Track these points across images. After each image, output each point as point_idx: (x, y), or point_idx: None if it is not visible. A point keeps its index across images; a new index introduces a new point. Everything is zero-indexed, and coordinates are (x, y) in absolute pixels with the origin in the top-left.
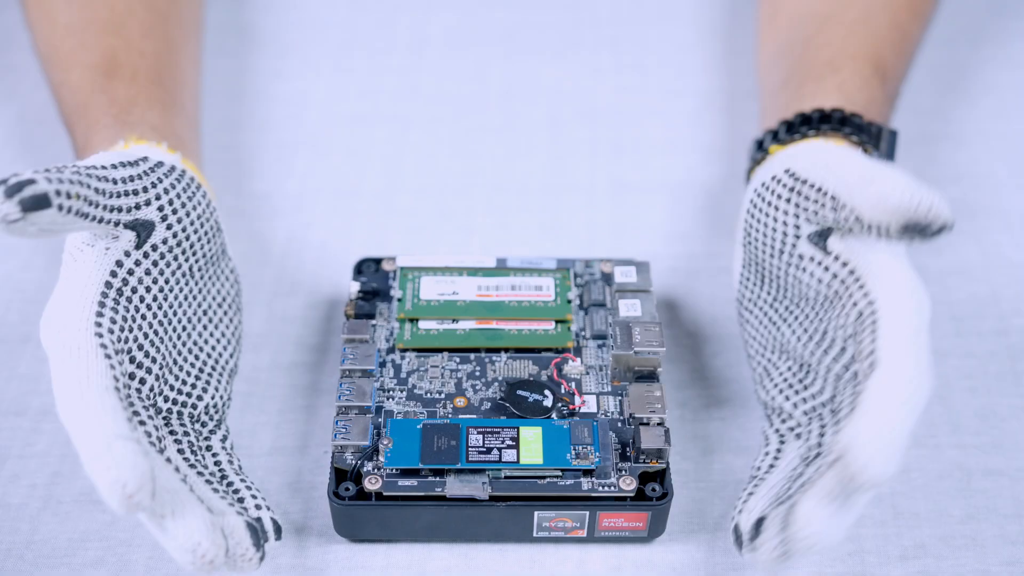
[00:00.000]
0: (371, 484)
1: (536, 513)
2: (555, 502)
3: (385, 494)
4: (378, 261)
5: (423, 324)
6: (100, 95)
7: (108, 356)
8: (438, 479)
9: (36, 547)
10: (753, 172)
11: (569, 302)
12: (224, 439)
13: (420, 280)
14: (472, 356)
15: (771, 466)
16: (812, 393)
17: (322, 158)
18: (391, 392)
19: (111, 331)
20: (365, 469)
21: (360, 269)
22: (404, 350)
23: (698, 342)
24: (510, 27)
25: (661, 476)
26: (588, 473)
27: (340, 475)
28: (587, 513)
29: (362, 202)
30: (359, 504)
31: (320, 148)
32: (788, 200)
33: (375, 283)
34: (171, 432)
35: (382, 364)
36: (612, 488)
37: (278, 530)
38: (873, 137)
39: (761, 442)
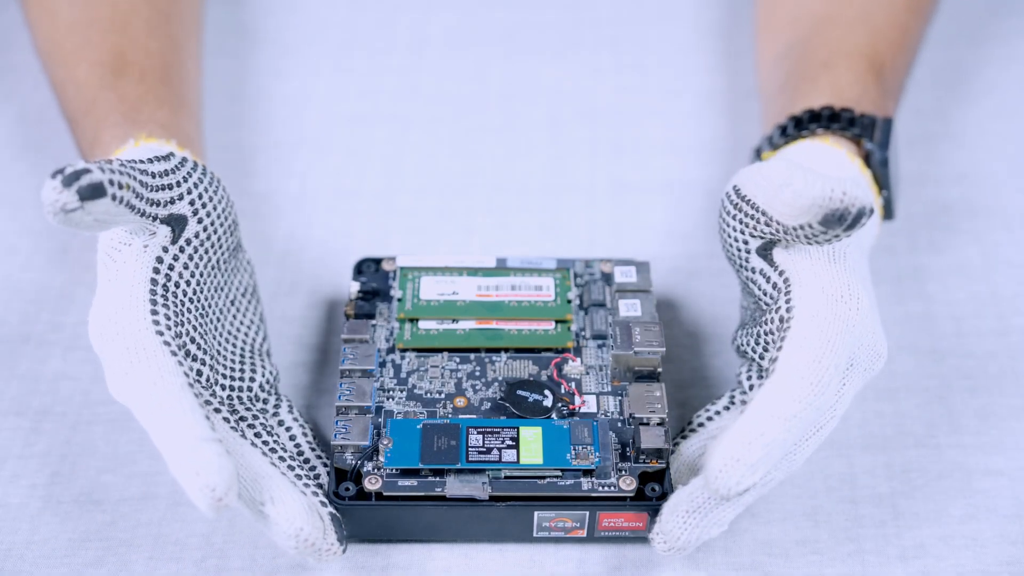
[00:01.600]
0: (371, 484)
1: (536, 513)
2: (555, 502)
3: (385, 494)
4: (378, 261)
5: (423, 324)
6: (108, 92)
7: (174, 353)
8: (438, 479)
9: (36, 547)
10: None
11: (569, 302)
12: (291, 408)
13: (420, 280)
14: (472, 356)
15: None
16: None
17: (322, 158)
18: (391, 392)
19: (168, 328)
20: (365, 469)
21: (360, 269)
22: (404, 350)
23: (698, 342)
24: (510, 27)
25: (661, 476)
26: (588, 473)
27: (340, 475)
28: (587, 513)
29: (362, 202)
30: (359, 504)
31: (320, 148)
32: (735, 217)
33: (375, 283)
34: (241, 418)
35: (382, 364)
36: (612, 488)
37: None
38: (866, 128)
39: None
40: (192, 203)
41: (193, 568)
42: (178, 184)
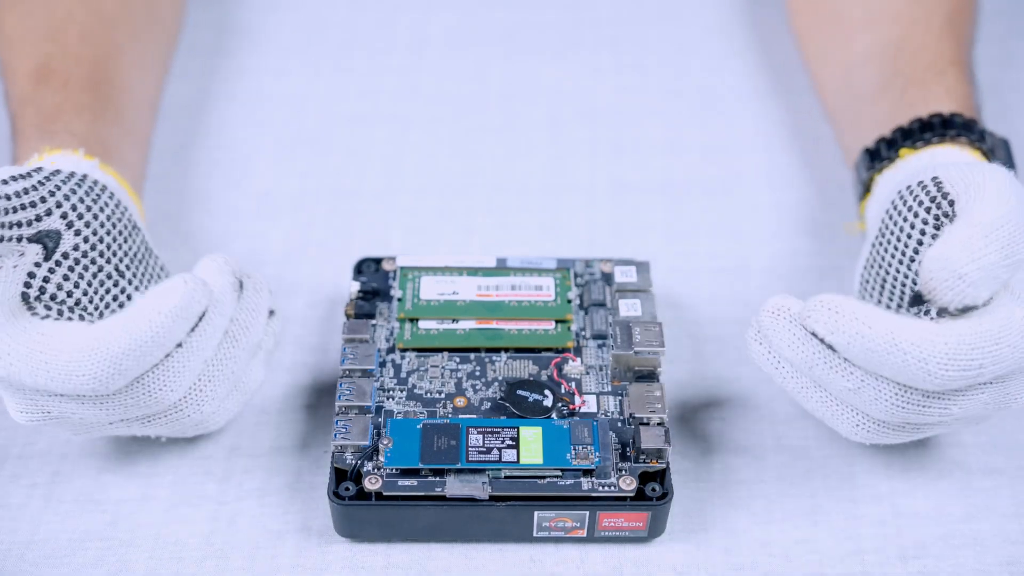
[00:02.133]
0: (371, 484)
1: (536, 513)
2: (555, 502)
3: (385, 494)
4: (378, 261)
5: (423, 324)
6: (29, 105)
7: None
8: (438, 479)
9: (36, 547)
10: (876, 177)
11: (569, 302)
12: None
13: (420, 280)
14: (472, 356)
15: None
16: None
17: (322, 158)
18: (391, 392)
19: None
20: (365, 469)
21: (360, 269)
22: (404, 350)
23: (698, 342)
24: (510, 27)
25: (661, 476)
26: (588, 473)
27: (340, 475)
28: (587, 513)
29: (362, 202)
30: (359, 504)
31: (320, 148)
32: (928, 210)
33: (375, 283)
34: None
35: (382, 364)
36: (612, 488)
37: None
38: (989, 145)
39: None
40: (65, 216)
41: (193, 568)
42: (43, 200)
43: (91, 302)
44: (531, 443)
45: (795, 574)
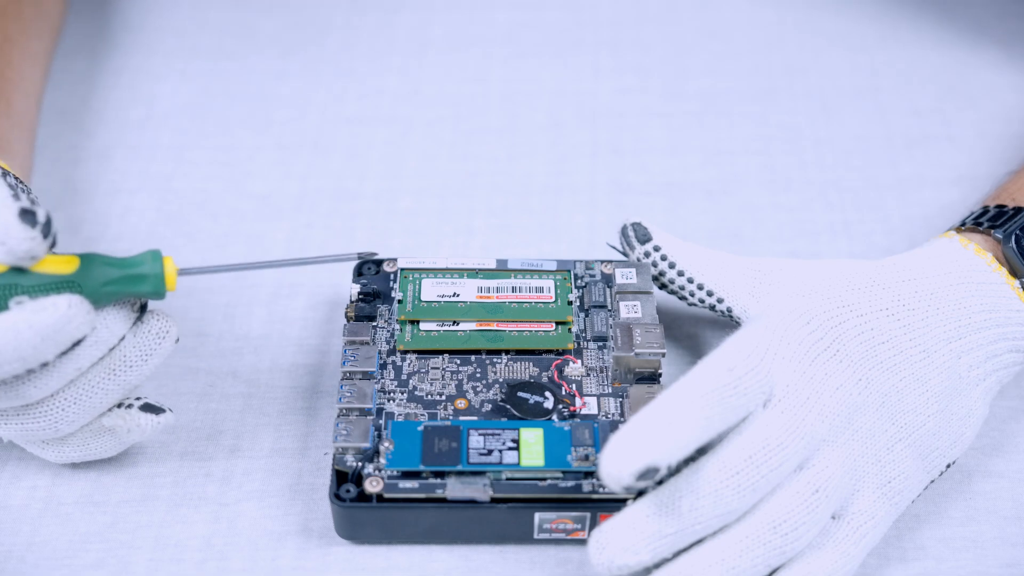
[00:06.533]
0: (372, 486)
1: (537, 515)
2: (556, 504)
3: (386, 496)
4: (379, 263)
5: (424, 326)
6: None
7: None
8: (439, 481)
9: (37, 549)
10: (948, 233)
11: (570, 303)
12: None
13: (421, 282)
14: (473, 358)
15: None
16: None
17: (323, 159)
18: (392, 394)
19: None
20: (366, 471)
21: (360, 271)
22: (405, 352)
23: (699, 344)
24: (511, 28)
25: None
26: (589, 475)
27: (341, 477)
28: (588, 515)
29: (363, 203)
30: (360, 506)
31: (321, 149)
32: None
33: (375, 285)
34: None
35: (383, 366)
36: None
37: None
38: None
39: None
40: None
41: (194, 570)
42: None
43: None
44: (532, 445)
45: None
